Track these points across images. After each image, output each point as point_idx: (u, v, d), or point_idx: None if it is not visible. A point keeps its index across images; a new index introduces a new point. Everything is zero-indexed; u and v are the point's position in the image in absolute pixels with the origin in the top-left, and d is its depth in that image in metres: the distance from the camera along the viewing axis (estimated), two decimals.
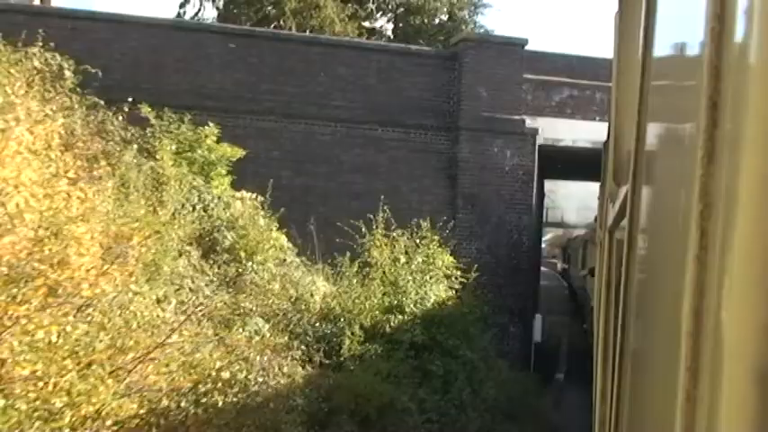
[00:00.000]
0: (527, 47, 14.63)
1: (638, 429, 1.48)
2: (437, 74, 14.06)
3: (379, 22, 27.18)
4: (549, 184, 25.18)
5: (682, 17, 1.01)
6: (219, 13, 22.94)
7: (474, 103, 13.86)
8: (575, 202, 36.09)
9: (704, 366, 0.65)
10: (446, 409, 9.17)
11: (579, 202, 33.89)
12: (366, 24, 25.35)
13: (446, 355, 9.80)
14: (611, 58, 3.18)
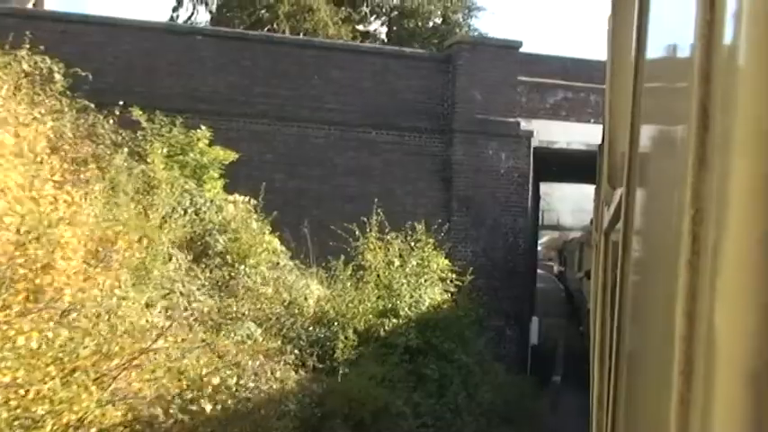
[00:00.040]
0: (521, 49, 14.59)
1: None
2: (431, 76, 14.01)
3: (373, 25, 27.12)
4: (545, 186, 25.16)
5: (673, 20, 1.02)
6: (212, 16, 22.87)
7: (468, 106, 13.80)
8: (570, 204, 36.09)
9: (697, 369, 0.65)
10: (441, 414, 9.09)
11: (575, 205, 33.89)
12: (360, 28, 25.29)
13: (441, 358, 9.72)
14: (605, 60, 3.18)
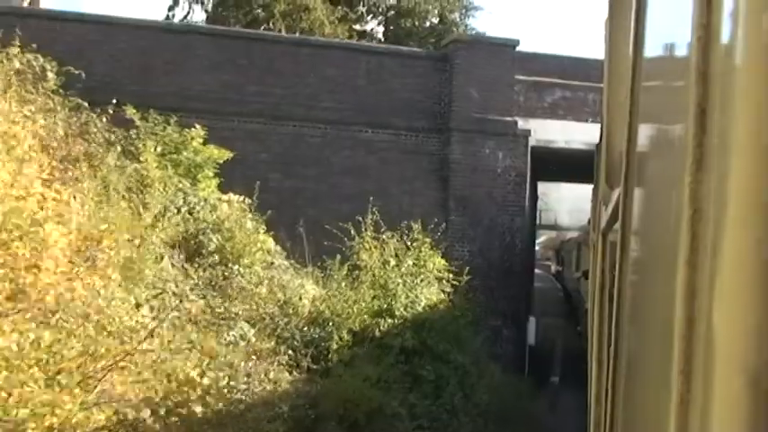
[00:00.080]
0: (518, 48, 14.51)
1: None
2: (428, 75, 13.92)
3: (370, 24, 27.07)
4: (543, 186, 25.07)
5: (671, 18, 1.02)
6: (208, 15, 22.77)
7: (465, 105, 13.72)
8: (568, 204, 36.03)
9: (697, 369, 0.65)
10: (437, 415, 8.98)
11: (572, 205, 33.84)
12: (356, 27, 25.20)
13: (437, 359, 9.61)
14: (602, 59, 3.16)
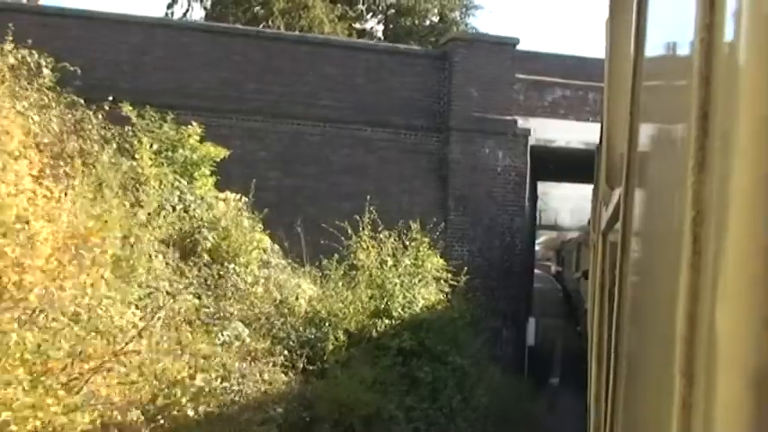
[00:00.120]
0: (518, 46, 14.39)
1: None
2: (427, 73, 13.81)
3: (370, 23, 26.97)
4: (543, 186, 24.94)
5: (672, 16, 1.01)
6: (207, 13, 22.68)
7: (465, 104, 13.61)
8: (568, 204, 35.93)
9: (699, 371, 0.65)
10: (435, 418, 8.84)
11: (573, 205, 33.73)
12: (356, 26, 25.10)
13: (435, 361, 9.47)
14: (603, 58, 3.13)
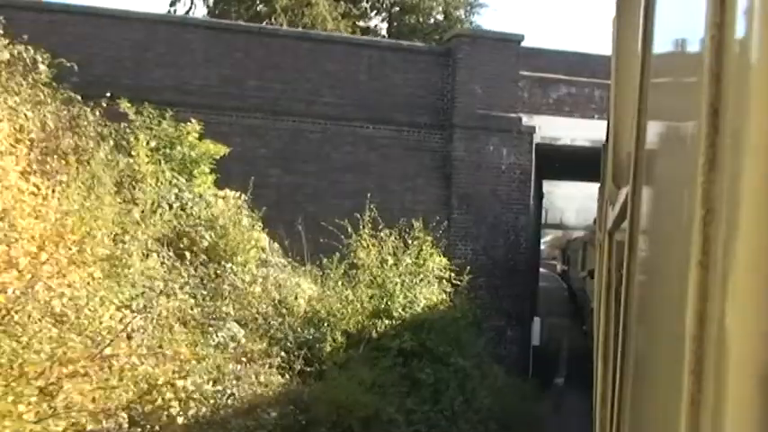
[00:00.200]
0: (523, 43, 14.19)
1: None
2: (430, 70, 13.64)
3: (374, 21, 26.79)
4: (548, 185, 24.72)
5: (681, 13, 1.00)
6: (210, 10, 22.56)
7: (469, 101, 13.43)
8: (574, 203, 35.72)
9: (708, 370, 0.64)
10: (436, 420, 8.64)
11: (579, 204, 33.52)
12: (360, 24, 24.93)
13: (436, 362, 9.28)
14: (609, 54, 3.09)
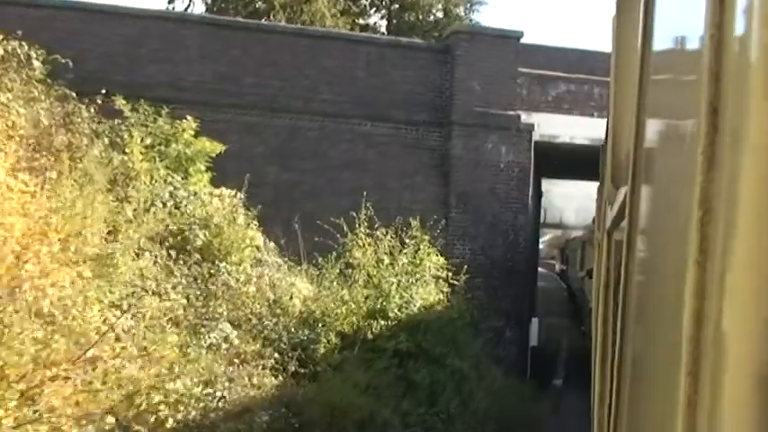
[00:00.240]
0: (522, 40, 14.06)
1: None
2: (428, 67, 13.51)
3: (373, 18, 26.66)
4: (547, 183, 24.58)
5: (681, 11, 1.00)
6: (208, 7, 22.42)
7: (467, 98, 13.31)
8: (573, 202, 35.58)
9: (705, 371, 0.64)
10: (432, 423, 8.53)
11: (578, 203, 33.39)
12: (360, 21, 24.79)
13: (433, 363, 9.16)
14: (609, 52, 3.05)
